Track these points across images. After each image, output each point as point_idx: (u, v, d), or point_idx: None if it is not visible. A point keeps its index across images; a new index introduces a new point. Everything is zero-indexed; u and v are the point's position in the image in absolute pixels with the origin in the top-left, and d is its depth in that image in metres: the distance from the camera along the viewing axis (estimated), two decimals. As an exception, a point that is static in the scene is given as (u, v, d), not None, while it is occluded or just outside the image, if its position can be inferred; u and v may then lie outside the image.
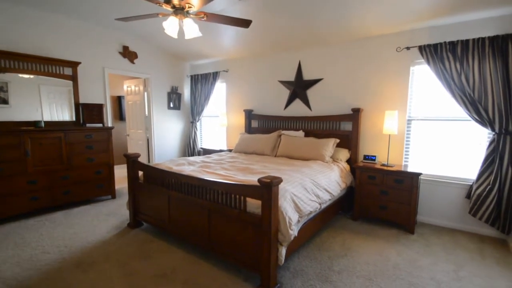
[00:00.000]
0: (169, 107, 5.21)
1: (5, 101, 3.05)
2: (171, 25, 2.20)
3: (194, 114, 5.40)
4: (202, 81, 5.17)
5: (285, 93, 4.23)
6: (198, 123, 5.50)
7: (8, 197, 2.87)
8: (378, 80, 3.39)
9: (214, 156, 3.63)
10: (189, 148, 5.46)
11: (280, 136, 3.91)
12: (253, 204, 1.94)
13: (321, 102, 3.88)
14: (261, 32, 3.64)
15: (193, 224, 2.29)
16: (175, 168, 2.72)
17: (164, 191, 2.48)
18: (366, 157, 3.40)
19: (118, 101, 5.89)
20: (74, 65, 3.64)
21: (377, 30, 3.21)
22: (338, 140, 3.46)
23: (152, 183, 2.63)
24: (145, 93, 4.93)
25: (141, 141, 5.12)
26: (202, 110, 5.24)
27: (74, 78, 3.66)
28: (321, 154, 3.29)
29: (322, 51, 3.80)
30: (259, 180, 1.80)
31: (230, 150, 4.39)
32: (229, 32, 3.80)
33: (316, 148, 3.36)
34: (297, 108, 4.12)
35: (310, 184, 2.46)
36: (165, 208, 2.51)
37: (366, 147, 3.55)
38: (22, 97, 3.18)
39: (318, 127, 3.87)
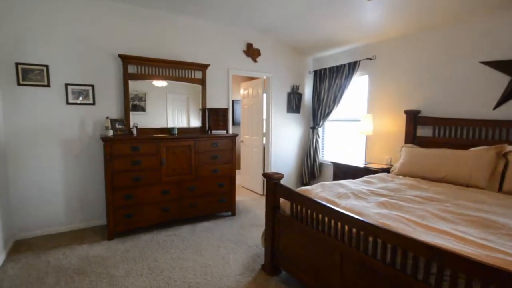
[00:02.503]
0: (288, 110, 4.85)
1: (143, 109, 3.31)
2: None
3: (316, 117, 4.84)
4: (331, 76, 4.54)
5: (493, 81, 2.81)
6: (320, 129, 4.91)
7: (145, 206, 3.04)
8: None
9: (377, 182, 2.69)
10: (309, 159, 4.93)
11: (504, 155, 2.54)
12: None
13: None
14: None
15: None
16: (342, 204, 1.96)
17: (331, 243, 1.70)
18: None
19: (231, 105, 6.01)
20: (203, 68, 3.70)
21: None
22: None
23: (303, 221, 1.95)
24: (264, 95, 4.72)
25: (256, 148, 4.95)
26: (328, 112, 4.61)
27: (203, 81, 3.72)
28: None
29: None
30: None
31: (385, 170, 3.42)
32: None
33: None
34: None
35: None
36: (332, 270, 1.71)
37: None
38: (154, 105, 3.43)
39: None
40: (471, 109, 3.00)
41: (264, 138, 4.84)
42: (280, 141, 4.81)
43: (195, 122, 3.79)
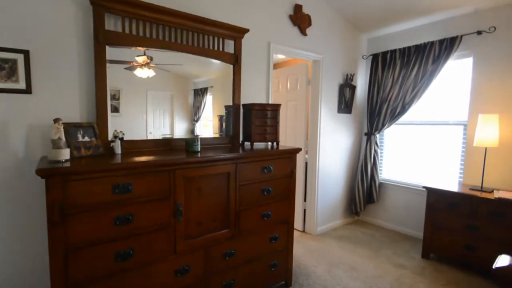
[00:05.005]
0: (339, 110, 3.47)
1: (116, 110, 1.81)
2: None
3: (377, 120, 3.51)
4: (406, 61, 3.24)
5: None
6: (378, 137, 3.58)
7: (143, 307, 1.48)
8: None
9: None
10: (365, 177, 3.59)
11: None
12: None
13: None
14: None
15: None
16: None
17: None
18: None
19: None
20: (239, 34, 2.23)
21: None
22: None
23: None
24: (308, 87, 3.31)
25: (293, 165, 3.49)
26: (400, 112, 3.30)
27: (236, 58, 2.23)
28: None
29: None
30: None
31: None
32: None
33: None
34: None
35: None
36: None
37: None
38: (130, 105, 1.93)
39: None
40: None
41: (306, 150, 3.43)
42: (327, 153, 3.42)
43: (181, 128, 2.25)
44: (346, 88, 3.50)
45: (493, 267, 0.96)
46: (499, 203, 2.33)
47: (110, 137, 1.66)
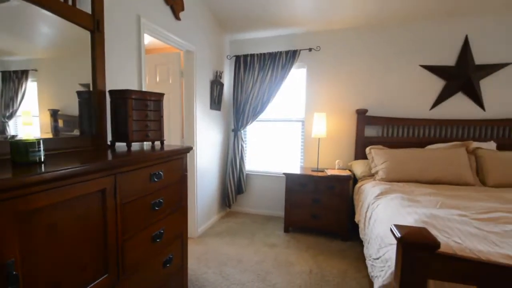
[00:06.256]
0: (211, 106, 3.21)
1: None
2: None
3: (242, 117, 3.52)
4: (264, 65, 3.37)
5: (432, 84, 2.92)
6: (242, 133, 3.64)
7: None
8: None
9: (395, 197, 2.04)
10: (235, 170, 3.55)
11: (473, 151, 2.60)
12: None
13: (509, 97, 2.73)
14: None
15: None
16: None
17: None
18: None
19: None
20: (99, -11, 1.44)
21: None
22: None
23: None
24: (181, 80, 2.82)
25: (165, 165, 2.92)
26: (260, 110, 3.44)
27: (97, 23, 1.45)
28: None
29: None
30: None
31: (348, 177, 2.76)
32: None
33: None
34: (458, 107, 2.87)
35: None
36: None
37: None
38: None
39: (502, 135, 2.77)
40: (412, 109, 2.99)
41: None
42: (203, 151, 3.09)
43: None
44: (216, 85, 3.26)
45: (397, 236, 0.95)
46: (331, 178, 2.83)
47: None
